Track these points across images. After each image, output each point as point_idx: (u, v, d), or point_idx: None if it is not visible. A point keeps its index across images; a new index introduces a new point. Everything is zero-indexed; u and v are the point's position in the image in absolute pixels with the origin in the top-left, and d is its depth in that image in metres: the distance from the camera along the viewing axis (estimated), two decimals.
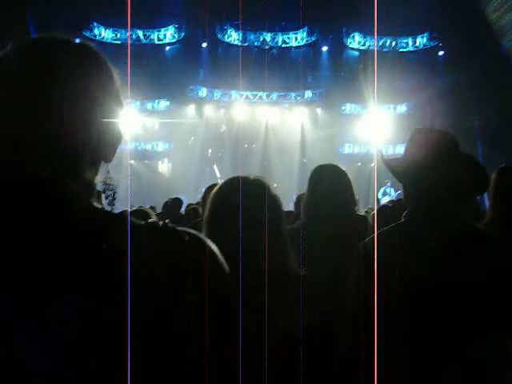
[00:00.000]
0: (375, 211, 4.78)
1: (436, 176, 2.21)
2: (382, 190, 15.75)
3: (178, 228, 1.08)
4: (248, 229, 1.89)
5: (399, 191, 13.62)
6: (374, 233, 2.24)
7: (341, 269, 2.56)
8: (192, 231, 1.09)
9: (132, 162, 17.33)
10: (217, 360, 1.05)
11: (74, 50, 1.12)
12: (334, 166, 3.32)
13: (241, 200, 1.94)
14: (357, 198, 3.38)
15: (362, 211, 5.07)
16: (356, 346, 2.04)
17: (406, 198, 2.40)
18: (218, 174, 17.96)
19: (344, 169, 3.30)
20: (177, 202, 7.56)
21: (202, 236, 1.11)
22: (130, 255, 0.98)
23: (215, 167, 18.45)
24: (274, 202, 2.11)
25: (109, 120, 1.12)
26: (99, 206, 1.09)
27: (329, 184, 3.12)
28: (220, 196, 2.11)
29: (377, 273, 1.97)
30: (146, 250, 1.03)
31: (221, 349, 1.05)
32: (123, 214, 1.07)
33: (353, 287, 2.19)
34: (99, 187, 1.15)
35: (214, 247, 1.11)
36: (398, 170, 2.39)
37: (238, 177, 2.15)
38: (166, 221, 1.10)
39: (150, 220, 1.10)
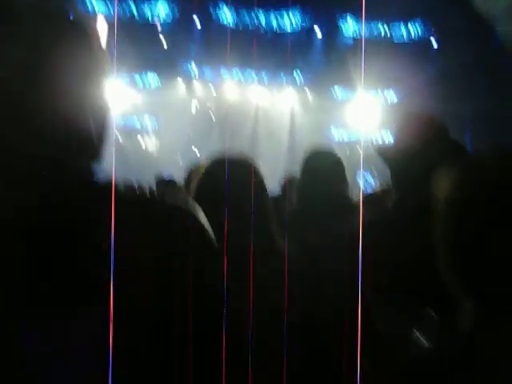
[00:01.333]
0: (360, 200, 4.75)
1: (425, 162, 2.18)
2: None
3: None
4: (234, 213, 1.87)
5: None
6: (363, 221, 2.23)
7: (330, 256, 2.55)
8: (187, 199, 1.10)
9: (118, 135, 17.17)
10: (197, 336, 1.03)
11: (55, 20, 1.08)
12: (330, 152, 3.28)
13: (227, 183, 1.92)
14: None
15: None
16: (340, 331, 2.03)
17: (395, 185, 2.39)
18: (198, 154, 17.86)
19: (339, 156, 3.26)
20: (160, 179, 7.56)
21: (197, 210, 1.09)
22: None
23: (194, 148, 18.33)
24: (261, 183, 2.09)
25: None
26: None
27: (322, 171, 3.08)
28: (205, 178, 2.08)
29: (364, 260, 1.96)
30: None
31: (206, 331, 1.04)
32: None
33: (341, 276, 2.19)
34: None
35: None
36: (387, 156, 2.37)
37: (224, 158, 2.12)
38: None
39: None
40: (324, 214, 2.97)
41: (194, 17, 17.92)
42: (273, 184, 2.60)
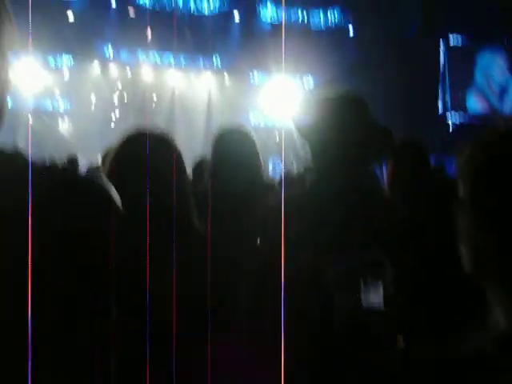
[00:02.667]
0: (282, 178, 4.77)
1: (342, 136, 2.25)
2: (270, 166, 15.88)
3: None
4: (153, 185, 1.86)
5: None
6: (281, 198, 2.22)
7: (245, 232, 2.54)
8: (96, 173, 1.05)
9: (30, 118, 16.69)
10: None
11: None
12: (240, 128, 3.22)
13: (148, 157, 1.89)
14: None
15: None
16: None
17: (312, 159, 2.39)
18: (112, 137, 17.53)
19: (251, 133, 3.20)
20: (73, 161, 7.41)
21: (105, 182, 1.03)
22: None
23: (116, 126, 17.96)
24: (179, 157, 2.07)
25: None
26: None
27: (235, 147, 3.02)
28: (125, 148, 2.04)
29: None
30: None
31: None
32: None
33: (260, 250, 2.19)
34: None
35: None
36: (307, 136, 2.38)
37: (143, 129, 2.08)
38: None
39: None
40: (238, 195, 2.91)
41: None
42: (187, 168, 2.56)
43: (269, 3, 18.45)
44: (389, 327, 2.03)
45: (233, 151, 2.98)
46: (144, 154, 1.88)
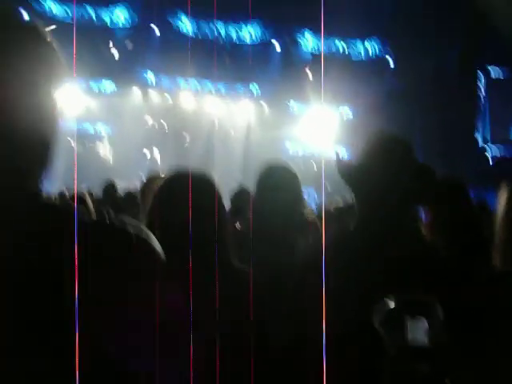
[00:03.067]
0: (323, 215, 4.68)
1: (389, 182, 2.23)
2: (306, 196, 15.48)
3: (125, 221, 1.04)
4: (194, 222, 1.88)
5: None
6: (322, 237, 2.21)
7: (285, 270, 2.52)
8: (138, 226, 1.07)
9: (72, 141, 16.91)
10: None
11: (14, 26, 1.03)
12: (284, 165, 3.21)
13: (190, 193, 1.92)
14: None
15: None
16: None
17: (357, 204, 2.35)
18: (159, 162, 17.81)
19: (294, 170, 3.20)
20: (112, 186, 7.45)
21: (149, 236, 1.07)
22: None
23: (156, 153, 18.20)
24: (219, 196, 2.09)
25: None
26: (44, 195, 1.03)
27: (277, 184, 3.02)
28: (166, 188, 2.09)
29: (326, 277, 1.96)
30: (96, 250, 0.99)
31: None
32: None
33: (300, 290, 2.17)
34: None
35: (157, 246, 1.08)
36: (349, 175, 2.35)
37: (184, 170, 2.11)
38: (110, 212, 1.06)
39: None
40: (280, 230, 2.91)
41: (153, 25, 17.90)
42: (226, 198, 2.54)
43: (309, 34, 18.52)
44: (436, 369, 2.00)
45: (275, 187, 2.98)
46: (185, 193, 1.90)
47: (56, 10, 17.46)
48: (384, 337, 1.93)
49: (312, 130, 18.31)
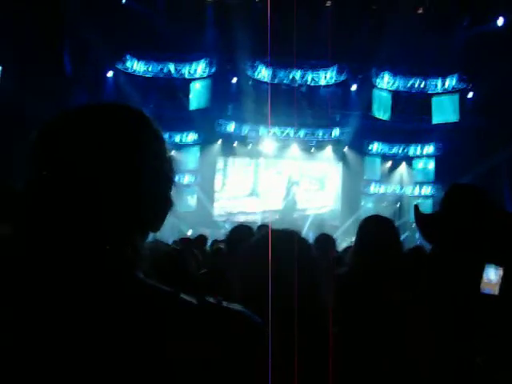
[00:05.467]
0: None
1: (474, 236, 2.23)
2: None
3: (233, 309, 1.03)
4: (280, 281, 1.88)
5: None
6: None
7: (382, 329, 2.51)
8: (246, 315, 1.04)
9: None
10: None
11: (131, 119, 1.09)
12: (382, 217, 3.25)
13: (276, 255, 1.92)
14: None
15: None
16: None
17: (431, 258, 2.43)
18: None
19: (392, 222, 3.21)
20: (203, 238, 7.66)
21: (260, 325, 1.04)
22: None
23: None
24: (307, 252, 2.07)
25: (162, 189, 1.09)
26: (147, 281, 1.03)
27: (375, 235, 3.04)
28: (254, 250, 2.07)
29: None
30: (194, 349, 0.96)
31: None
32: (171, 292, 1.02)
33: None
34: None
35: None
36: (431, 231, 2.40)
37: (273, 231, 2.10)
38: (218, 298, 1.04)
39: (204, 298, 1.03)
40: (377, 279, 2.87)
41: (234, 78, 18.26)
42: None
43: (386, 74, 18.41)
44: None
45: (373, 241, 3.03)
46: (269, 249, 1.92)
47: (137, 67, 18.06)
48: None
49: (392, 171, 18.50)
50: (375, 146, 19.04)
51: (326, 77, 18.30)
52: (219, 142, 18.82)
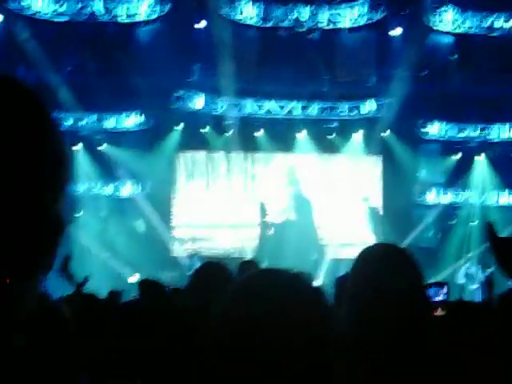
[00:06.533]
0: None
1: None
2: (462, 272, 13.27)
3: None
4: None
5: (489, 270, 11.55)
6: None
7: None
8: None
9: None
10: None
11: None
12: (395, 248, 2.35)
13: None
14: None
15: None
16: None
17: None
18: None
19: (411, 258, 2.21)
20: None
21: None
22: None
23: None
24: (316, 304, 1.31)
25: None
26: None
27: (376, 283, 2.13)
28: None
29: None
30: None
31: None
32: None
33: None
34: None
35: None
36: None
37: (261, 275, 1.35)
38: None
39: None
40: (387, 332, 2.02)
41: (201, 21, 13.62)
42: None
43: (450, 8, 13.52)
44: None
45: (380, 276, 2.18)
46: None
47: (41, 5, 13.66)
48: None
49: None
50: (435, 128, 13.99)
51: (353, 15, 13.69)
52: (179, 126, 13.68)
